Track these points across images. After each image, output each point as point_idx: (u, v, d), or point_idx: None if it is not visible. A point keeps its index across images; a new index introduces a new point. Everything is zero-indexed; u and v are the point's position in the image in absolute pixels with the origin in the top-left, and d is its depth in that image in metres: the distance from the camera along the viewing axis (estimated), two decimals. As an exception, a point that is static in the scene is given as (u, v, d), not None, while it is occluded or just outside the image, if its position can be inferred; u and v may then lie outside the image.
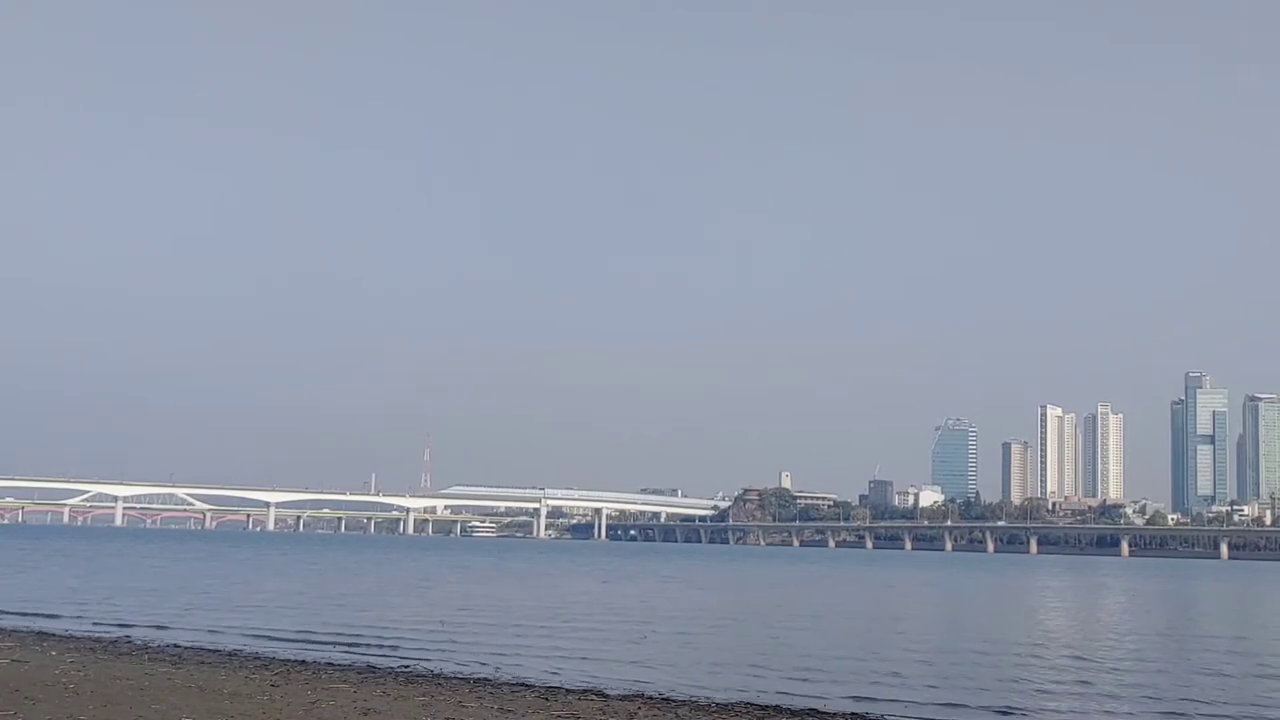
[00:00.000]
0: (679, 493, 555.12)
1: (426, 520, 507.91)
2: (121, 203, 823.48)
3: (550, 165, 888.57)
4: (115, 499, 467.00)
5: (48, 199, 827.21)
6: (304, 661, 32.54)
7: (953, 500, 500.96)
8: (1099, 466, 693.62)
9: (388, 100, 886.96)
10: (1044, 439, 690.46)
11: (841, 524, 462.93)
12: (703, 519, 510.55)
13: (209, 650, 34.68)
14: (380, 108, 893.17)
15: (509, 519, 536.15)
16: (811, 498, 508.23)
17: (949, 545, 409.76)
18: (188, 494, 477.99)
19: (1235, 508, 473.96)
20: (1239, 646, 50.11)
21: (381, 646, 38.05)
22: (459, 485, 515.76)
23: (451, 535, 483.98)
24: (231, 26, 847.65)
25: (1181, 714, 28.91)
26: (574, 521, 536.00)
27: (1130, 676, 36.74)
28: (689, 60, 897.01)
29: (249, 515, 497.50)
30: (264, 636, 40.43)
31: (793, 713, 25.99)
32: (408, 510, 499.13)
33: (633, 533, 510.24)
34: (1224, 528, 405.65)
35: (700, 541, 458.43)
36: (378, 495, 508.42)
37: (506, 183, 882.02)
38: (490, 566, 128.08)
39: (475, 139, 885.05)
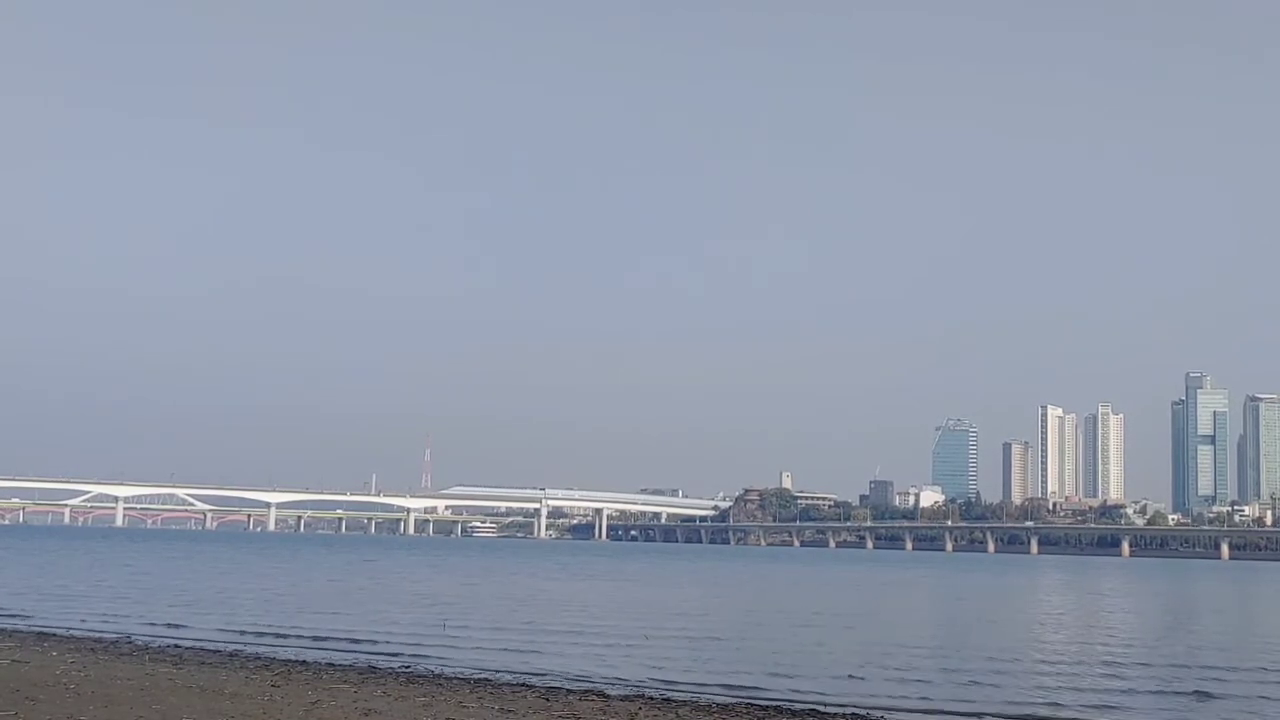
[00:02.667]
0: (679, 493, 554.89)
1: (427, 520, 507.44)
2: (121, 202, 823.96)
3: (549, 166, 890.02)
4: (115, 499, 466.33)
5: (47, 199, 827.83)
6: (304, 661, 32.58)
7: (953, 500, 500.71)
8: (1099, 466, 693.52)
9: (387, 101, 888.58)
10: (1044, 439, 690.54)
11: (842, 524, 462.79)
12: (703, 519, 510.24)
13: (209, 650, 34.71)
14: (379, 108, 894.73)
15: (510, 519, 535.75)
16: (812, 498, 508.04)
17: (949, 545, 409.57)
18: (188, 494, 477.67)
19: (1236, 508, 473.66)
20: (1238, 648, 50.09)
21: (381, 647, 38.10)
22: (459, 485, 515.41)
23: (452, 535, 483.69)
24: (231, 26, 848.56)
25: (1180, 714, 28.93)
26: (575, 522, 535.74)
27: (1128, 677, 36.75)
28: (688, 60, 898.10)
29: (249, 515, 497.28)
30: (267, 635, 40.49)
31: (793, 713, 25.98)
32: (408, 510, 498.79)
33: (633, 533, 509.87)
34: (1224, 528, 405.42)
35: (701, 542, 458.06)
36: (378, 495, 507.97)
37: (506, 183, 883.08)
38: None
39: (475, 139, 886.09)
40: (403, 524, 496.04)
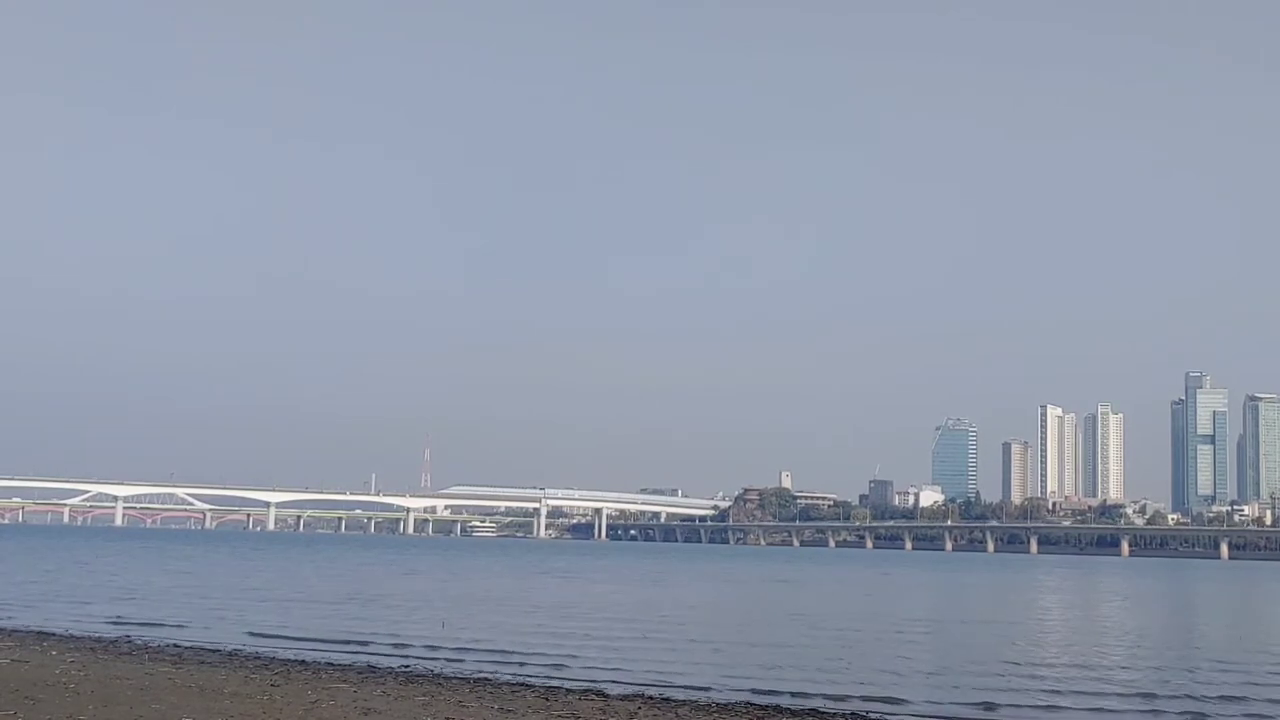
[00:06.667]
0: (679, 493, 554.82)
1: (427, 520, 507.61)
2: (121, 203, 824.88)
3: (550, 165, 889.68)
4: (115, 499, 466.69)
5: (47, 199, 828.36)
6: (304, 661, 32.59)
7: (953, 500, 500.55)
8: (1099, 466, 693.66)
9: (386, 101, 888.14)
10: (1044, 439, 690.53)
11: (841, 524, 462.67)
12: (703, 519, 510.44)
13: (209, 650, 34.71)
14: (378, 108, 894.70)
15: (509, 519, 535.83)
16: (811, 498, 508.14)
17: (949, 545, 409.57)
18: (188, 494, 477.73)
19: (1235, 508, 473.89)
20: (1238, 647, 50.11)
21: (383, 646, 38.12)
22: (459, 485, 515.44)
23: (452, 535, 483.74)
24: (232, 26, 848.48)
25: (1178, 714, 28.96)
26: (574, 521, 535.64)
27: (1127, 677, 36.78)
28: (690, 59, 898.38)
29: (249, 515, 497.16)
30: (262, 635, 40.50)
31: (793, 713, 26.00)
32: (408, 510, 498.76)
33: (633, 533, 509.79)
34: (1224, 528, 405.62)
35: (700, 541, 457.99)
36: (378, 495, 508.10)
37: (506, 183, 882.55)
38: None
39: (473, 139, 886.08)
40: (402, 524, 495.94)
